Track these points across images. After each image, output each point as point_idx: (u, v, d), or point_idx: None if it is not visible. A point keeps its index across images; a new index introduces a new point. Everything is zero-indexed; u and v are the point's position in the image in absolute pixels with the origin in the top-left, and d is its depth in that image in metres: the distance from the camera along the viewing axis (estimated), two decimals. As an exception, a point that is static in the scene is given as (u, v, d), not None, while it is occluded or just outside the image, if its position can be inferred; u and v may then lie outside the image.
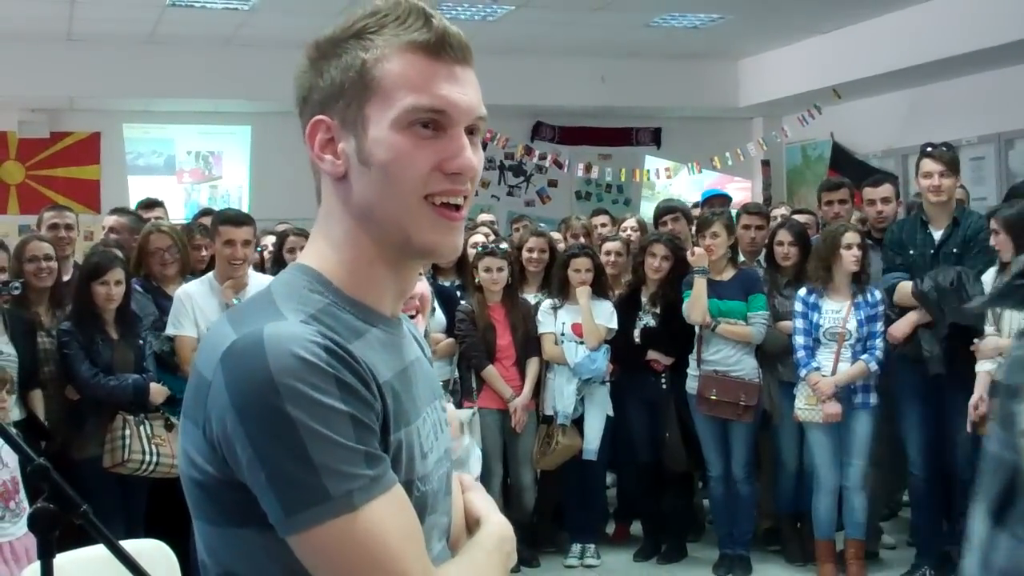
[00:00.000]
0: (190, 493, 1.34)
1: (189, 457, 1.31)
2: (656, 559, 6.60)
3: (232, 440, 1.23)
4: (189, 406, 1.32)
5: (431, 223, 1.36)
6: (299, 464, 1.20)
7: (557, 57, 11.35)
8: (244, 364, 1.23)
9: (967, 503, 5.74)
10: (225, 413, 1.23)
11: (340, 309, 1.34)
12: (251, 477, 1.23)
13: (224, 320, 1.34)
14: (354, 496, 1.22)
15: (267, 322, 1.27)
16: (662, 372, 6.51)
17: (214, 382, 1.26)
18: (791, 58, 11.92)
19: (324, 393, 1.22)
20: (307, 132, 1.40)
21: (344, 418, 1.23)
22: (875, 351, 5.86)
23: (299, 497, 1.21)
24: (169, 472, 5.35)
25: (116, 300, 5.41)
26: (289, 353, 1.22)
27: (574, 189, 13.25)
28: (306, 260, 1.41)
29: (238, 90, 11.17)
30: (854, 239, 5.88)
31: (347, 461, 1.22)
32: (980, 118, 10.59)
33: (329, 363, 1.24)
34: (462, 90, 1.37)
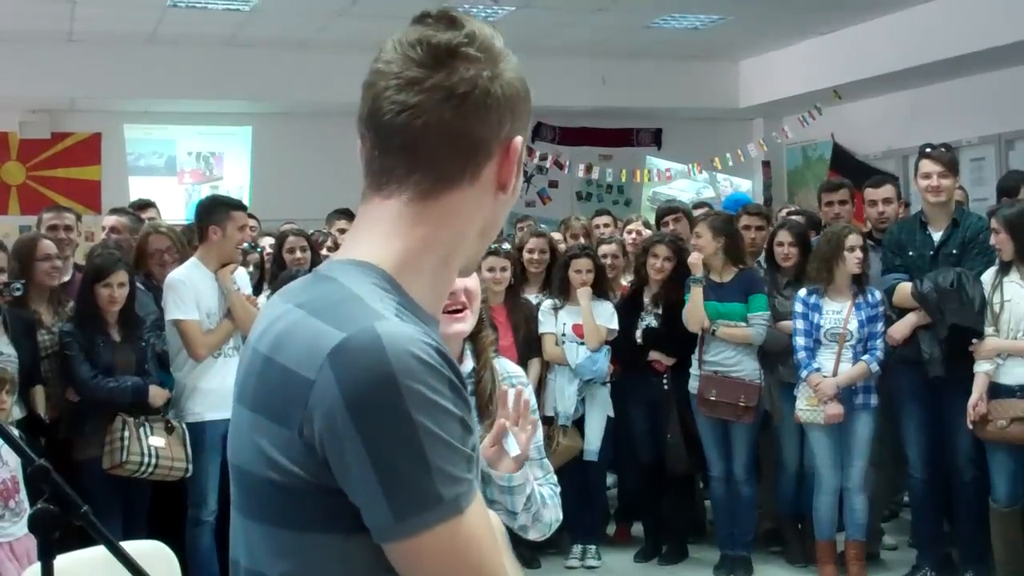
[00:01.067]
0: (261, 495, 1.29)
1: (268, 458, 1.26)
2: (657, 560, 6.60)
3: (342, 441, 1.20)
4: (266, 402, 1.28)
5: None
6: (416, 466, 1.19)
7: (558, 58, 11.34)
8: (363, 364, 1.20)
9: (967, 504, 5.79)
10: (335, 413, 1.19)
11: (407, 311, 1.31)
12: (358, 480, 1.20)
13: (303, 313, 1.29)
14: (461, 500, 1.21)
15: (372, 319, 1.23)
16: (664, 373, 6.51)
17: (320, 381, 1.21)
18: (791, 59, 11.93)
19: (441, 395, 1.21)
20: (512, 149, 1.40)
21: (455, 419, 1.22)
22: (876, 352, 5.86)
23: (412, 501, 1.19)
24: (168, 474, 5.36)
25: (119, 302, 5.41)
26: (409, 354, 1.20)
27: (575, 190, 13.25)
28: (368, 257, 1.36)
29: (239, 91, 11.18)
30: (857, 241, 5.88)
31: (457, 464, 1.21)
32: (980, 119, 10.59)
33: (442, 364, 1.23)
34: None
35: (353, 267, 1.35)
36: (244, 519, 1.34)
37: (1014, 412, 5.34)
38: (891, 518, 7.06)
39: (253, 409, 1.31)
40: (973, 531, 5.81)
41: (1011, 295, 5.44)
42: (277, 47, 10.93)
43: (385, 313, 1.26)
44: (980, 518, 5.69)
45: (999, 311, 5.45)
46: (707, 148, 11.73)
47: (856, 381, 5.88)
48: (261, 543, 1.31)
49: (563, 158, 11.88)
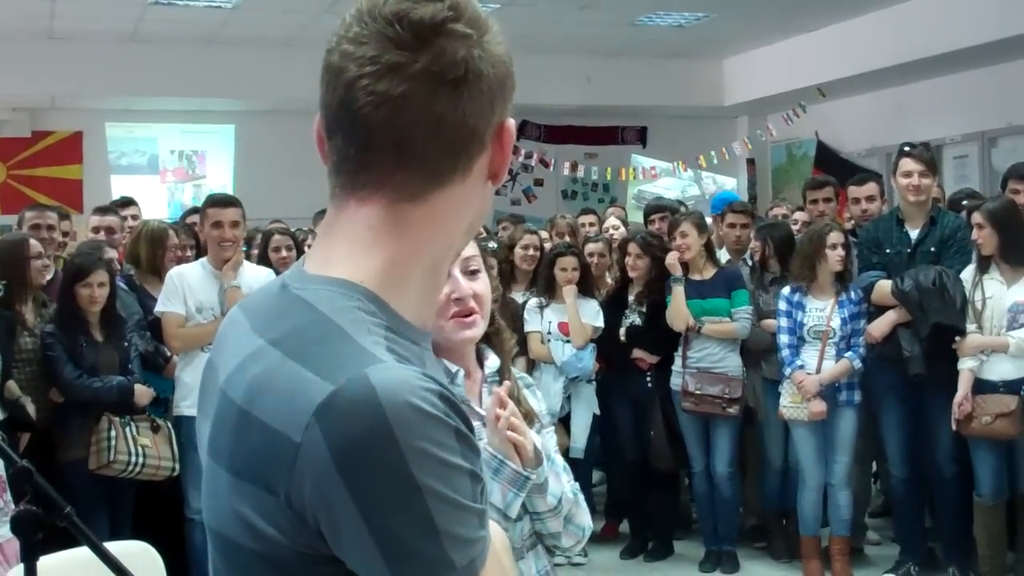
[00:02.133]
0: (244, 566, 1.14)
1: (252, 527, 1.11)
2: (643, 556, 6.61)
3: (335, 510, 1.05)
4: (249, 465, 1.11)
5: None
6: (422, 533, 1.05)
7: (543, 56, 11.35)
8: (356, 422, 1.04)
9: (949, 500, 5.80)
10: (327, 479, 1.04)
11: (395, 333, 1.16)
12: (357, 551, 1.06)
13: (279, 356, 1.12)
14: (476, 563, 1.09)
15: (363, 364, 1.07)
16: (648, 371, 6.51)
17: (306, 442, 1.05)
18: (776, 57, 11.96)
19: (448, 450, 1.06)
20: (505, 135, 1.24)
21: (465, 476, 1.08)
22: (859, 348, 5.88)
23: (421, 571, 1.06)
24: (155, 474, 5.35)
25: (100, 302, 5.38)
26: (408, 407, 1.04)
27: (560, 188, 13.27)
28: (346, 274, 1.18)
29: (222, 89, 11.15)
30: (838, 239, 5.89)
31: (468, 525, 1.08)
32: (963, 116, 10.65)
33: (447, 413, 1.07)
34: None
35: (331, 288, 1.17)
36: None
37: (998, 408, 5.37)
38: (884, 514, 7.08)
39: (232, 471, 1.14)
40: (955, 526, 5.83)
41: (992, 292, 5.47)
42: (260, 45, 10.91)
43: (377, 353, 1.10)
44: (962, 514, 5.71)
45: (981, 308, 5.48)
46: (692, 146, 11.76)
47: (839, 378, 5.89)
48: None
49: (548, 156, 11.90)
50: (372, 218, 1.19)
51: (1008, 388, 5.40)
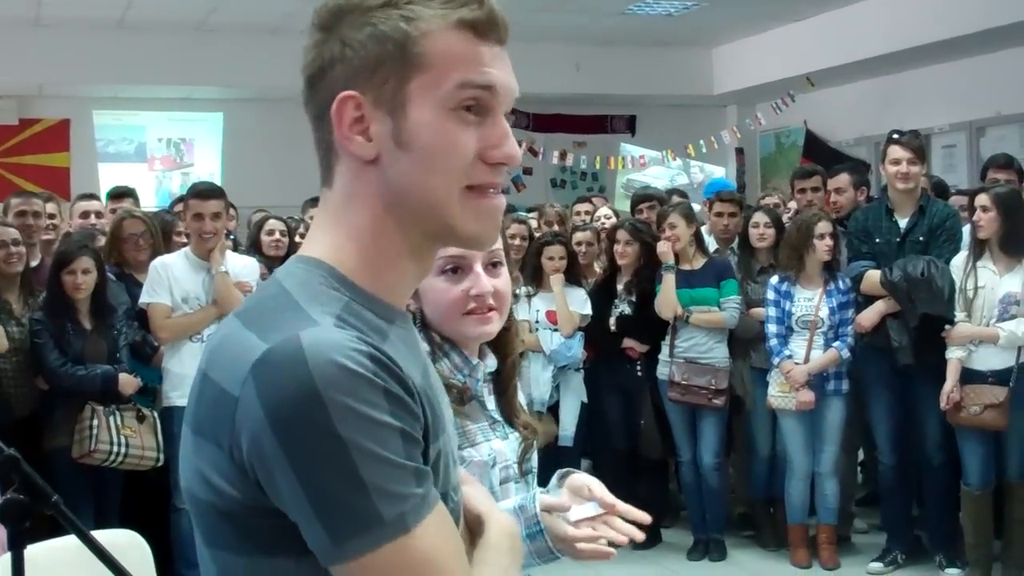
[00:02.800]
0: (206, 520, 1.21)
1: (207, 480, 1.18)
2: (631, 545, 6.60)
3: (269, 463, 1.11)
4: (205, 423, 1.19)
5: (475, 211, 1.25)
6: (349, 487, 1.09)
7: (532, 44, 11.32)
8: (284, 377, 1.10)
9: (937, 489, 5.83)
10: (261, 433, 1.11)
11: (360, 307, 1.22)
12: (291, 503, 1.12)
13: (238, 324, 1.20)
14: (407, 518, 1.12)
15: (300, 327, 1.14)
16: (637, 359, 6.52)
17: (243, 397, 1.12)
18: (765, 46, 11.96)
19: (374, 407, 1.11)
20: (334, 109, 1.23)
21: (394, 433, 1.12)
22: (846, 338, 5.89)
23: (349, 523, 1.10)
24: (139, 464, 5.33)
25: (85, 289, 5.36)
26: (334, 364, 1.10)
27: (549, 177, 13.25)
28: (315, 252, 1.27)
29: (209, 76, 11.11)
30: (826, 228, 5.90)
31: (399, 480, 1.12)
32: (952, 106, 10.66)
33: (376, 373, 1.13)
34: (507, 72, 1.28)
35: (300, 265, 1.26)
36: (200, 546, 1.25)
37: (986, 399, 5.38)
38: (871, 503, 7.10)
39: (194, 430, 1.21)
40: (942, 515, 5.86)
41: (984, 281, 5.47)
42: (247, 32, 10.87)
43: (317, 317, 1.16)
44: (949, 502, 5.74)
45: (972, 297, 5.48)
46: (681, 135, 11.75)
47: (827, 367, 5.91)
48: (217, 569, 1.23)
49: (537, 145, 11.88)
50: (328, 202, 1.29)
51: (997, 379, 5.41)
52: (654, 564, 6.36)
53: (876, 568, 5.97)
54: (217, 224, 5.55)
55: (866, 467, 7.34)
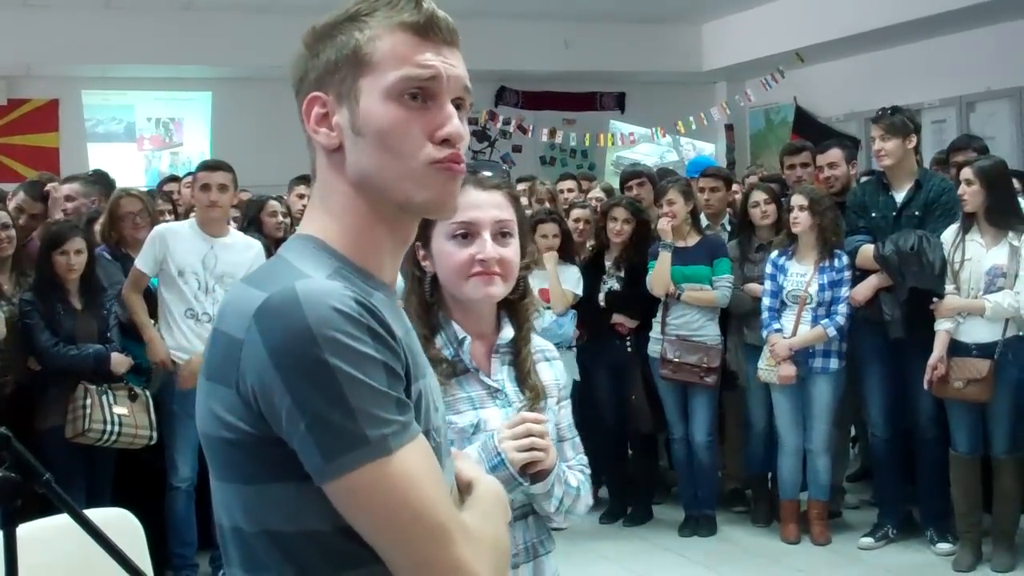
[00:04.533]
0: (220, 454, 1.37)
1: (218, 418, 1.34)
2: (622, 521, 6.65)
3: (270, 393, 1.27)
4: (215, 368, 1.35)
5: (432, 180, 1.42)
6: (338, 410, 1.25)
7: (521, 21, 11.28)
8: (281, 319, 1.28)
9: (929, 463, 5.87)
10: (262, 367, 1.28)
11: (348, 272, 1.39)
12: (290, 427, 1.27)
13: (242, 284, 1.39)
14: (389, 440, 1.26)
15: (294, 279, 1.32)
16: (627, 335, 6.53)
17: (247, 339, 1.30)
18: (754, 22, 11.93)
19: (360, 342, 1.27)
20: (303, 109, 1.46)
21: (378, 365, 1.28)
22: (836, 316, 5.91)
23: (337, 442, 1.25)
24: (132, 443, 5.35)
25: (77, 270, 5.37)
26: (326, 305, 1.27)
27: (539, 154, 13.22)
28: (308, 231, 1.46)
29: (198, 55, 11.06)
30: (797, 201, 5.93)
31: (381, 406, 1.27)
32: (941, 81, 10.65)
33: (361, 314, 1.29)
34: (449, 61, 1.44)
35: (295, 240, 1.46)
36: (215, 481, 1.40)
37: (970, 373, 5.41)
38: (862, 478, 7.15)
39: (207, 377, 1.37)
40: (935, 489, 5.89)
41: (972, 254, 5.49)
42: (236, 11, 10.81)
43: (311, 273, 1.34)
44: (942, 476, 5.77)
45: (959, 269, 5.50)
46: (670, 112, 11.74)
47: (811, 344, 5.93)
48: (232, 500, 1.37)
49: (526, 122, 11.86)
50: (313, 189, 1.50)
51: (982, 352, 5.44)
52: (645, 540, 6.39)
53: (867, 543, 6.01)
54: (223, 196, 5.57)
55: (858, 443, 7.38)
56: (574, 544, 6.24)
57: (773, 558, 5.99)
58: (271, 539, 1.34)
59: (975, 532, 5.64)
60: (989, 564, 5.56)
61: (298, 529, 1.32)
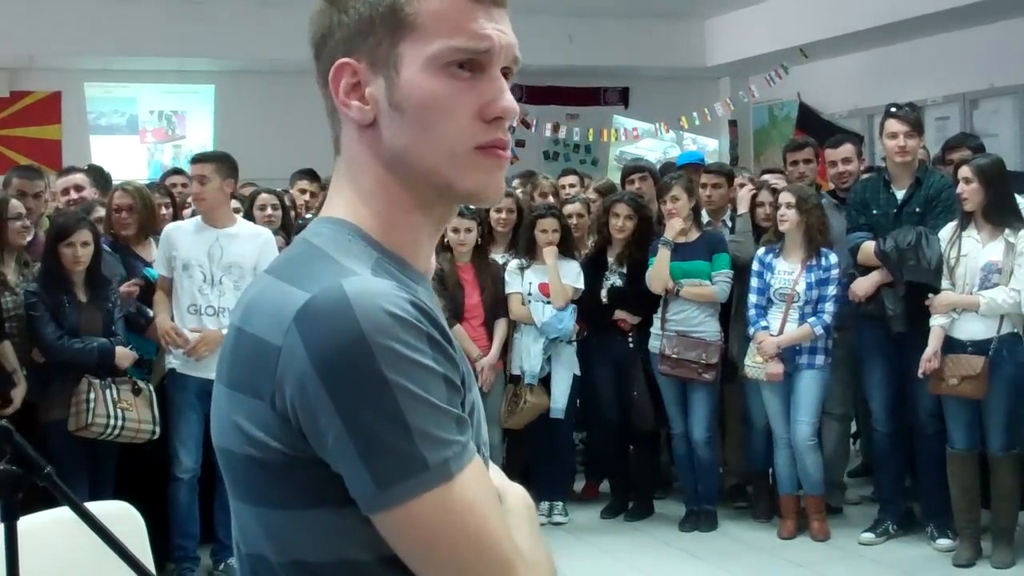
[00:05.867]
0: (244, 474, 1.21)
1: (244, 433, 1.18)
2: (624, 516, 6.66)
3: (314, 409, 1.11)
4: (240, 376, 1.19)
5: (478, 167, 1.26)
6: (395, 431, 1.09)
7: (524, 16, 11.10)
8: (330, 324, 1.11)
9: (930, 458, 5.88)
10: (306, 380, 1.11)
11: (388, 263, 1.24)
12: (337, 449, 1.11)
13: (271, 279, 1.22)
14: (451, 464, 1.12)
15: (340, 276, 1.15)
16: (629, 331, 6.54)
17: (286, 346, 1.13)
18: (758, 18, 11.91)
19: (419, 352, 1.12)
20: (331, 76, 1.26)
21: (438, 379, 1.13)
22: (823, 315, 5.92)
23: (394, 468, 1.10)
24: (135, 437, 5.35)
25: (83, 262, 5.36)
26: (380, 309, 1.11)
27: (542, 149, 13.22)
28: (336, 213, 1.29)
29: (202, 48, 11.06)
30: (784, 199, 5.96)
31: (442, 426, 1.12)
32: (945, 78, 10.64)
33: (419, 319, 1.13)
34: (501, 28, 1.27)
35: (326, 225, 1.28)
36: (235, 501, 1.25)
37: (964, 370, 5.41)
38: (863, 474, 7.15)
39: (228, 385, 1.22)
40: (935, 485, 5.89)
41: (968, 250, 5.51)
42: (239, 4, 10.81)
43: (356, 268, 1.18)
44: (942, 472, 5.77)
45: (955, 265, 5.52)
46: (674, 107, 11.72)
47: (798, 342, 5.95)
48: (254, 525, 1.22)
49: (530, 117, 11.84)
50: (337, 166, 1.32)
51: (976, 348, 5.44)
52: (646, 535, 6.40)
53: (868, 538, 6.02)
54: (204, 188, 5.51)
55: (859, 439, 7.38)
56: (575, 539, 6.25)
57: (774, 553, 5.99)
58: (301, 570, 1.19)
59: (974, 528, 5.65)
60: (989, 560, 5.57)
61: (335, 559, 1.17)
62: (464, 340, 6.33)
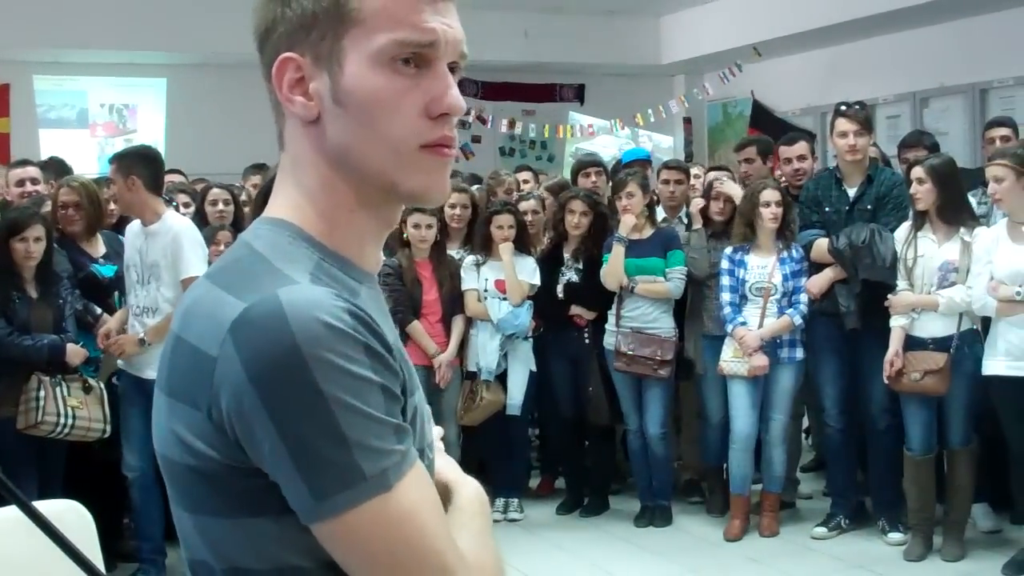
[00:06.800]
0: (184, 483, 1.20)
1: (183, 442, 1.17)
2: (579, 512, 6.67)
3: (250, 421, 1.11)
4: (180, 385, 1.18)
5: (423, 166, 1.24)
6: (330, 442, 1.09)
7: (480, 11, 11.26)
8: (264, 335, 1.10)
9: (882, 453, 5.94)
10: (241, 391, 1.10)
11: (330, 266, 1.22)
12: (272, 460, 1.11)
13: (210, 285, 1.20)
14: (389, 474, 1.12)
15: (277, 285, 1.14)
16: (585, 327, 6.55)
17: (222, 357, 1.12)
18: (713, 16, 11.98)
19: (355, 363, 1.11)
20: (274, 71, 1.24)
21: (376, 389, 1.12)
22: (800, 305, 5.96)
23: (330, 479, 1.10)
24: (85, 435, 5.29)
25: (36, 257, 5.28)
26: (316, 320, 1.10)
27: (498, 145, 13.22)
28: (278, 213, 1.27)
29: (153, 41, 10.93)
30: (772, 196, 5.96)
31: (380, 436, 1.11)
32: (896, 77, 10.75)
33: (356, 329, 1.12)
34: (447, 21, 1.25)
35: (265, 226, 1.26)
36: (176, 508, 1.25)
37: (927, 365, 5.47)
38: (816, 468, 7.21)
39: (168, 393, 1.21)
40: (887, 480, 5.95)
41: (924, 250, 5.56)
42: (192, -3, 10.70)
43: (294, 276, 1.16)
44: (894, 467, 5.84)
45: (912, 266, 5.57)
46: (629, 104, 11.76)
47: (780, 334, 5.98)
48: (195, 534, 1.22)
49: (486, 113, 11.84)
50: (282, 163, 1.30)
51: (937, 345, 5.50)
52: (601, 530, 6.41)
53: (820, 533, 6.07)
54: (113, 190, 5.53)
55: (811, 434, 7.44)
56: (531, 535, 6.26)
57: (727, 548, 6.03)
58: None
59: (927, 525, 5.70)
60: (939, 554, 5.63)
61: (275, 567, 1.17)
62: (422, 336, 6.32)
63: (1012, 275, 5.19)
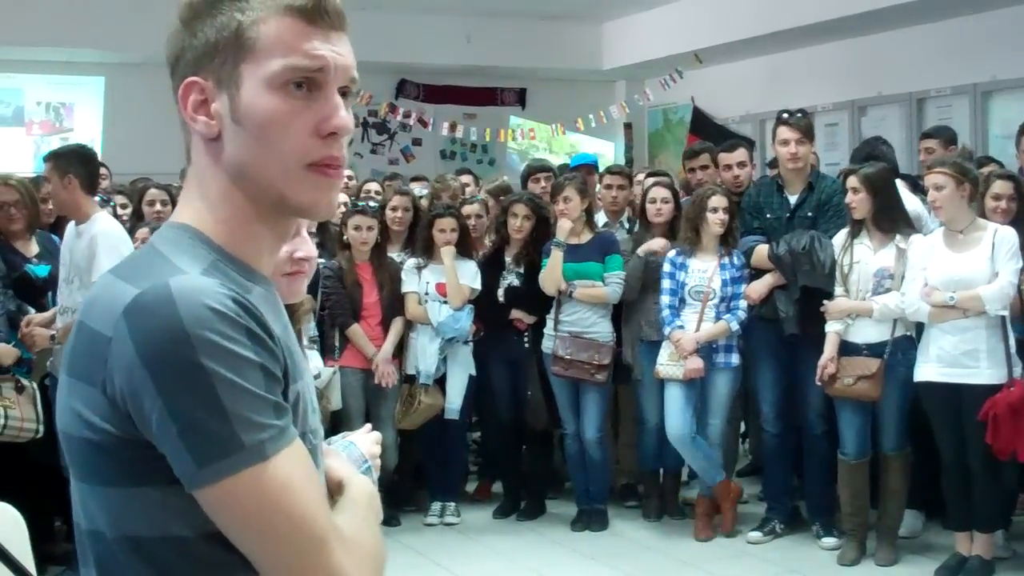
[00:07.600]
0: (81, 455, 1.31)
1: (81, 417, 1.28)
2: (516, 516, 6.67)
3: (140, 395, 1.22)
4: (78, 365, 1.30)
5: (309, 184, 1.36)
6: (212, 414, 1.20)
7: (423, 14, 11.25)
8: (153, 317, 1.22)
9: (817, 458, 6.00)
10: (132, 368, 1.22)
11: (225, 266, 1.34)
12: (160, 431, 1.22)
13: (112, 277, 1.32)
14: (266, 445, 1.22)
15: (168, 275, 1.26)
16: (525, 331, 6.56)
17: (116, 337, 1.24)
18: (654, 22, 12.05)
19: (236, 343, 1.23)
20: (179, 93, 1.38)
21: (255, 368, 1.24)
22: (737, 311, 6.01)
23: (211, 447, 1.20)
24: (18, 436, 5.20)
25: (-33, 257, 5.20)
26: (201, 304, 1.22)
27: (439, 148, 13.20)
28: (182, 219, 1.40)
29: (91, 39, 10.79)
30: (720, 202, 6.00)
31: (258, 411, 1.23)
32: (835, 85, 10.89)
33: (239, 314, 1.24)
34: (337, 49, 1.37)
35: (169, 229, 1.39)
36: (75, 481, 1.34)
37: (860, 370, 5.55)
38: (751, 473, 7.27)
39: (68, 373, 1.32)
40: (821, 485, 6.02)
41: (860, 257, 5.64)
42: (131, -5, 10.57)
43: (186, 268, 1.28)
44: (829, 472, 5.90)
45: (848, 272, 5.64)
46: (570, 109, 11.81)
47: (716, 338, 6.02)
48: (92, 503, 1.32)
49: (427, 116, 11.81)
50: (188, 175, 1.43)
51: (871, 351, 5.58)
52: (538, 534, 6.42)
53: (755, 537, 6.12)
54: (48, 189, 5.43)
55: (748, 438, 7.51)
56: (468, 539, 6.25)
57: (662, 552, 6.06)
58: (132, 545, 1.28)
59: (861, 529, 5.78)
60: (873, 558, 5.71)
61: (162, 535, 1.27)
62: (361, 339, 6.30)
63: (946, 282, 5.27)
